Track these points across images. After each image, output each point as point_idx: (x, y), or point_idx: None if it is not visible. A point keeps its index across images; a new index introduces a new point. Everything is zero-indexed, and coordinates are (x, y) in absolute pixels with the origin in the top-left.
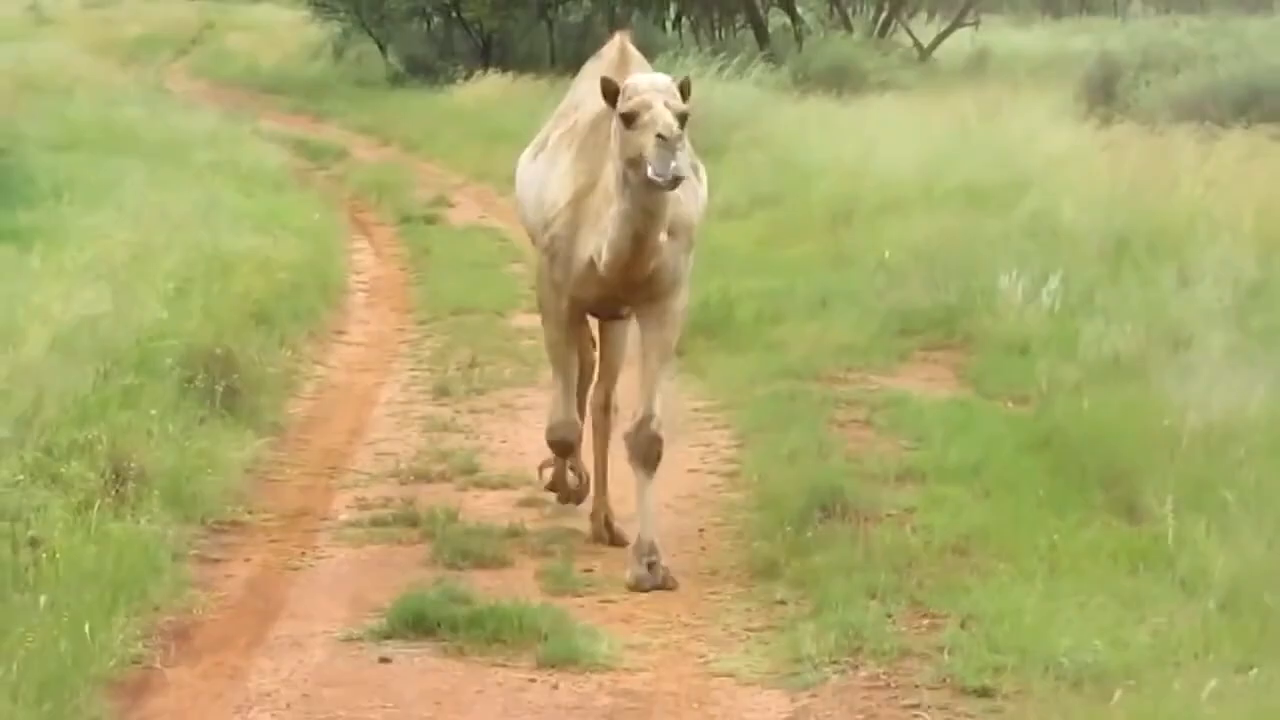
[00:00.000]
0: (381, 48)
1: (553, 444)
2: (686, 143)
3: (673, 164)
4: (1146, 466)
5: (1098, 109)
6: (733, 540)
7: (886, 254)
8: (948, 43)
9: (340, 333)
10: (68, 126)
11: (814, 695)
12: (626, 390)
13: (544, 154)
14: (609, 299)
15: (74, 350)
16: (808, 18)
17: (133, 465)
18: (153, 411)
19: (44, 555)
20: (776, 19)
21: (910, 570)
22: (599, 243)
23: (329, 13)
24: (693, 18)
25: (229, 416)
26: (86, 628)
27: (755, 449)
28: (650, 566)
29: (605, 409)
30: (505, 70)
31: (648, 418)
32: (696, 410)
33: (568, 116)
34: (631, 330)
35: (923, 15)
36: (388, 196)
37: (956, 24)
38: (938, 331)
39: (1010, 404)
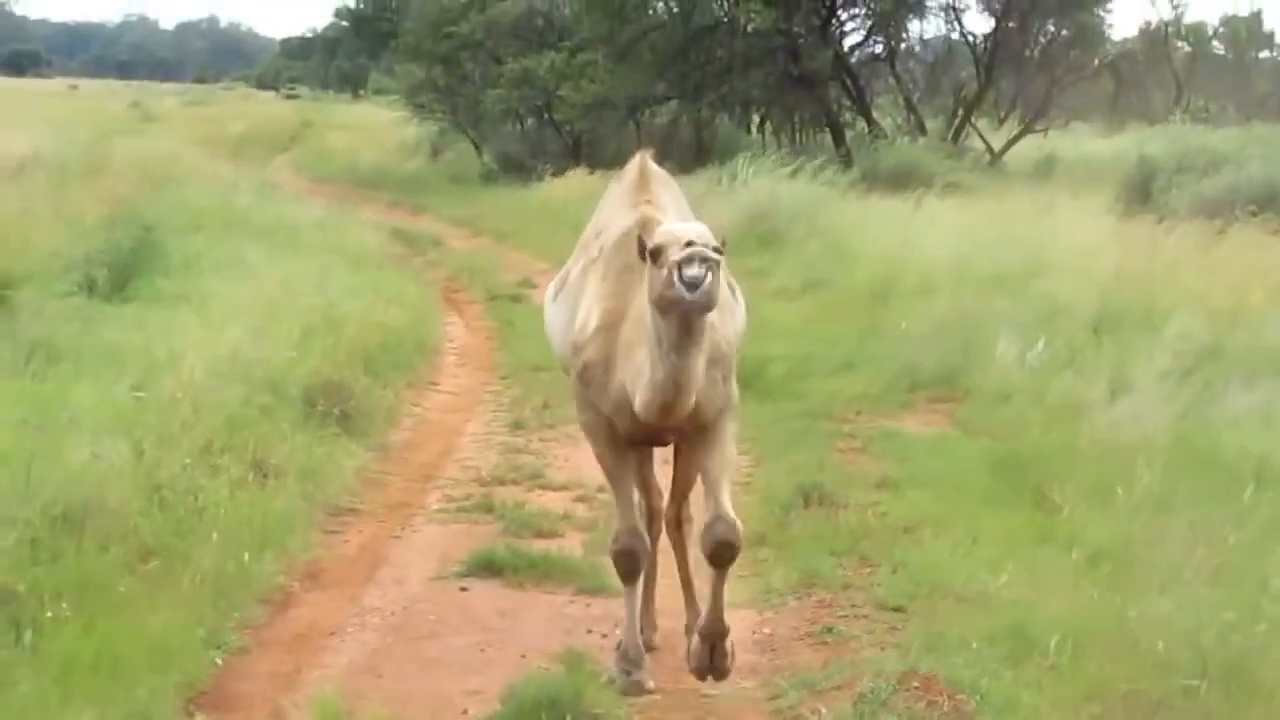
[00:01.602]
0: (477, 147)
1: (617, 557)
2: (723, 273)
3: (704, 276)
4: (1065, 474)
5: (1134, 207)
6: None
7: (903, 324)
8: (1020, 148)
9: (434, 383)
10: (189, 211)
11: (776, 612)
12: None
13: (564, 293)
14: (653, 432)
15: (222, 377)
16: (885, 123)
17: (271, 462)
18: (285, 425)
19: (210, 515)
20: (858, 124)
21: (864, 539)
22: (634, 382)
23: (427, 113)
24: (775, 121)
25: (343, 435)
26: (245, 557)
27: (766, 466)
28: (712, 652)
29: (678, 523)
30: (593, 169)
31: (713, 519)
32: None
33: (589, 247)
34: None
35: (1000, 120)
36: (478, 278)
37: (1025, 131)
38: (941, 387)
39: (986, 439)
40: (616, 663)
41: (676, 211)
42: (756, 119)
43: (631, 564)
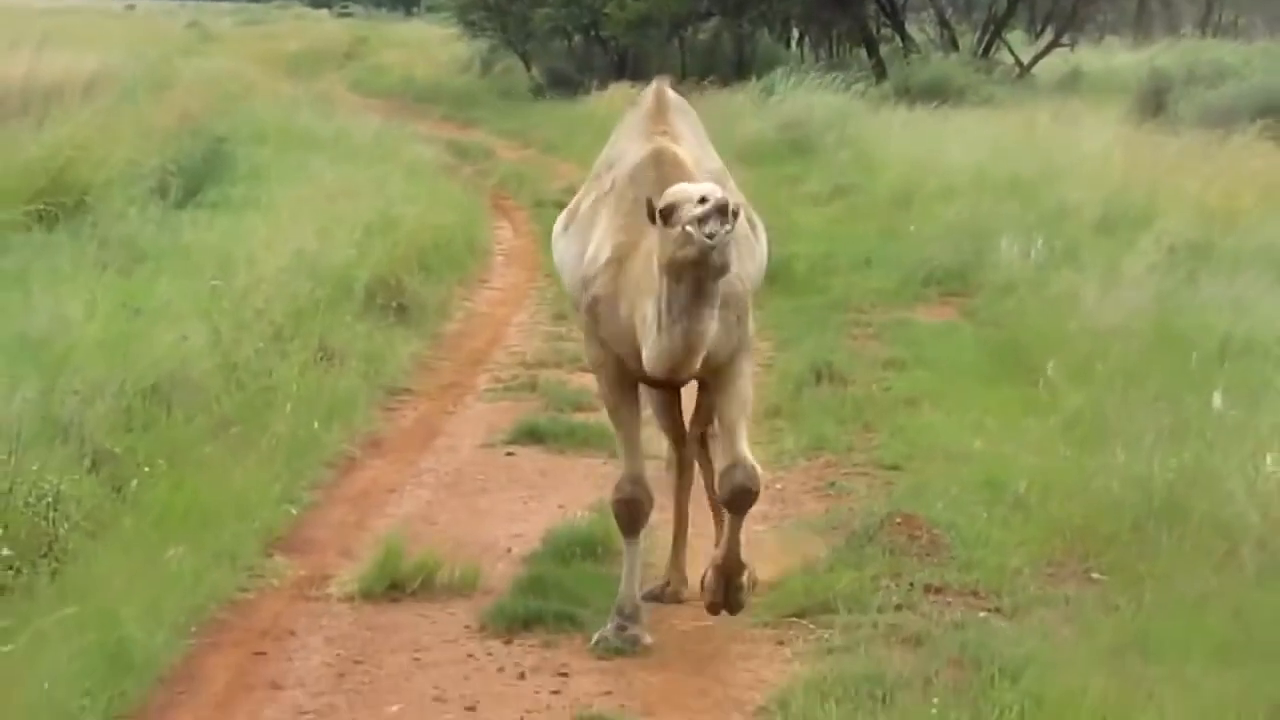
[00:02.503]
0: (526, 63)
1: (618, 507)
2: (744, 212)
3: (723, 232)
4: (1054, 355)
5: (1147, 117)
6: (756, 397)
7: (912, 228)
8: (1048, 62)
9: (483, 280)
10: (254, 125)
11: (787, 471)
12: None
13: (575, 225)
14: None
15: (290, 273)
16: (919, 38)
17: (335, 348)
18: (347, 316)
19: (281, 391)
20: (892, 39)
21: (868, 410)
22: (642, 330)
23: (478, 30)
24: (813, 37)
25: (400, 325)
26: (315, 425)
27: (786, 350)
28: (727, 586)
29: (703, 440)
30: (637, 84)
31: (731, 465)
32: None
33: (601, 179)
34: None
35: (1036, 34)
36: (525, 187)
37: (1053, 45)
38: (953, 282)
39: (989, 327)
40: (612, 618)
41: (694, 140)
42: (795, 35)
43: (633, 515)
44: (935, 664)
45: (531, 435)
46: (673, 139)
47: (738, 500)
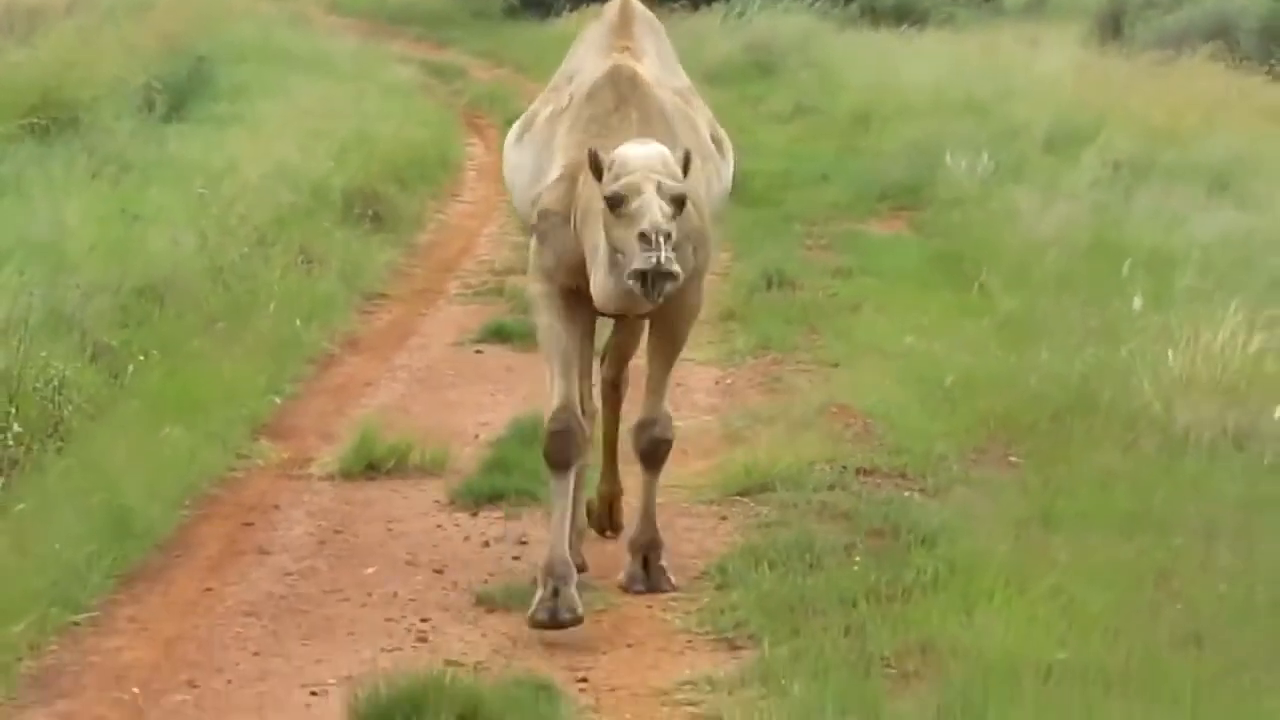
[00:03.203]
0: None
1: (551, 439)
2: (709, 131)
3: (660, 257)
4: (993, 263)
5: (1106, 40)
6: (710, 302)
7: (862, 144)
8: None
9: (455, 195)
10: (235, 44)
11: (736, 368)
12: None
13: (529, 137)
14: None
15: (272, 182)
16: None
17: (315, 253)
18: (326, 224)
19: (265, 293)
20: None
21: (815, 313)
22: (590, 261)
23: None
24: None
25: (376, 234)
26: (297, 323)
27: (741, 260)
28: (645, 564)
29: (615, 384)
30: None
31: (651, 420)
32: None
33: (560, 91)
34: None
35: None
36: (497, 105)
37: None
38: (906, 197)
39: (936, 239)
40: (541, 583)
41: (657, 58)
42: None
43: (565, 449)
44: (859, 534)
45: (498, 335)
46: (634, 55)
47: (654, 452)
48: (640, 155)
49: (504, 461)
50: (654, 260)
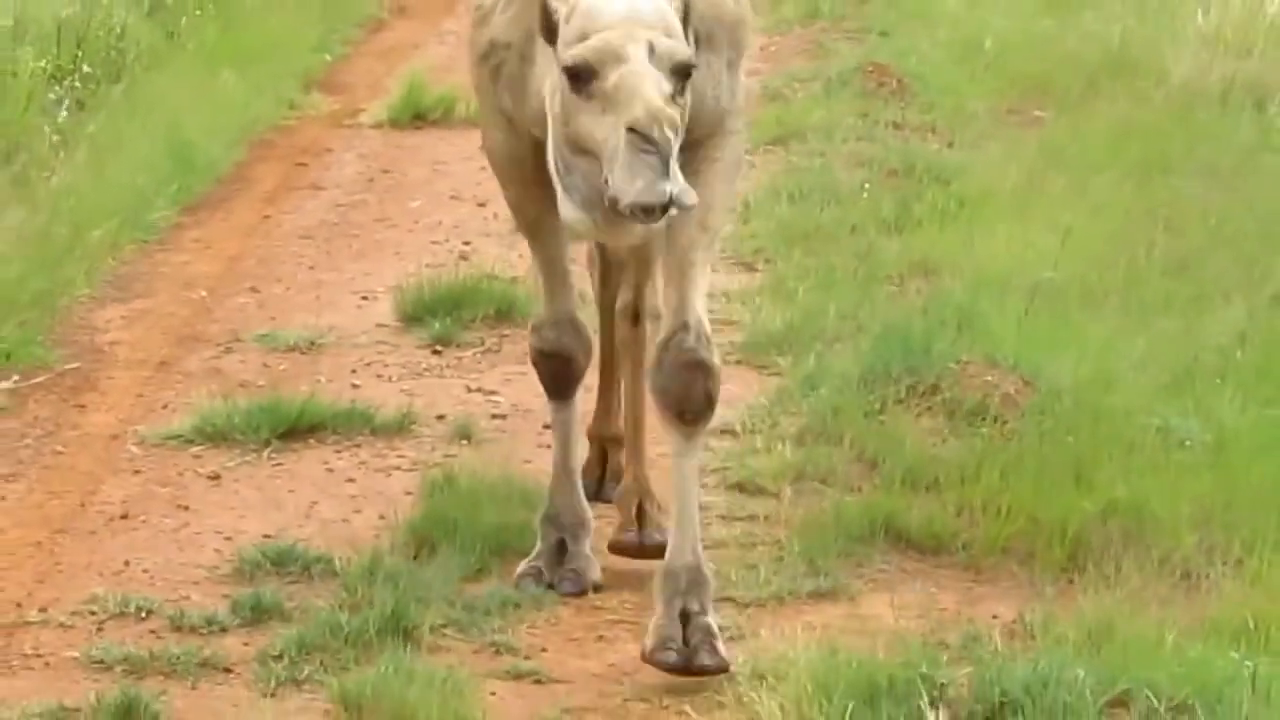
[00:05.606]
0: None
1: (541, 360)
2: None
3: (659, 185)
4: None
5: None
6: None
7: None
8: None
9: None
10: None
11: (783, 36)
12: None
13: None
14: None
15: None
16: None
17: None
18: None
19: None
20: None
21: None
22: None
23: None
24: None
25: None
26: None
27: None
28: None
29: (636, 319)
30: None
31: (679, 330)
32: None
33: None
34: None
35: None
36: None
37: None
38: None
39: None
40: (543, 536)
41: None
42: None
43: (563, 372)
44: (878, 174)
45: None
46: None
47: (677, 393)
48: (618, 12)
49: None
50: (655, 186)
